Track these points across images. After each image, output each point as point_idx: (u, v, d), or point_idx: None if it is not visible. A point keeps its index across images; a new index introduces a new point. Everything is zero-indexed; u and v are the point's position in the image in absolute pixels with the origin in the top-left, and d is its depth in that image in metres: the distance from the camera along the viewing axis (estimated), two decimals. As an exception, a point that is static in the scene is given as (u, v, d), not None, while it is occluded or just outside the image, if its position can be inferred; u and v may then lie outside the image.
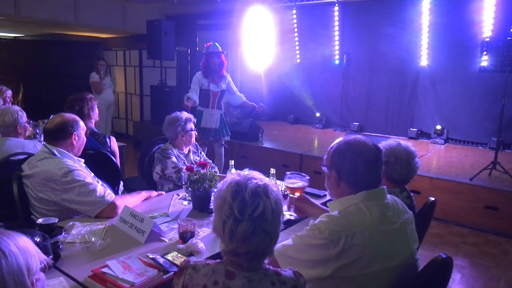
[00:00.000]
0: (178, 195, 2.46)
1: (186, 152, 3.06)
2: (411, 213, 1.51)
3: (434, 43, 5.91)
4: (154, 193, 2.47)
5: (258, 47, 7.06)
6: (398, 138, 2.16)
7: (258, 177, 1.17)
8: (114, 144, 3.15)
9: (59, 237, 1.73)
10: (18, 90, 8.62)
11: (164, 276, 1.47)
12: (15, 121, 2.98)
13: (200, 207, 2.19)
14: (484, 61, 4.80)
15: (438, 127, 6.14)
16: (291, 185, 2.07)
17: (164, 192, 2.58)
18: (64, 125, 2.18)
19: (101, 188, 2.11)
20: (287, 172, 2.15)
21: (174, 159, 2.89)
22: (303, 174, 2.13)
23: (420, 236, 1.62)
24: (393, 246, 1.37)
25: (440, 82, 6.00)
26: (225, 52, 4.94)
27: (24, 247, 0.87)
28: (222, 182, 1.18)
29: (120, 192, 2.87)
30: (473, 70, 5.41)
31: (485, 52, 4.59)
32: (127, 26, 7.63)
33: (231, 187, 1.13)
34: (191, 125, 3.01)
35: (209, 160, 3.08)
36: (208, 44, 4.74)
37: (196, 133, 3.10)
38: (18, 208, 2.10)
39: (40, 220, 1.77)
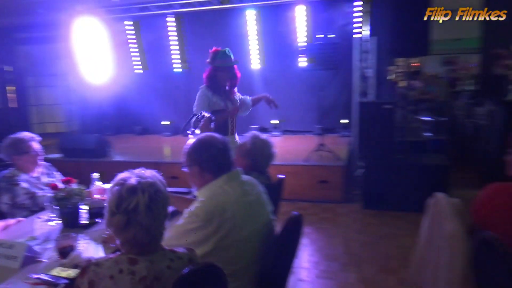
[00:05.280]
0: (39, 218, 2.34)
1: (37, 175, 2.86)
2: (262, 186, 1.88)
3: (264, 48, 6.73)
4: (11, 220, 2.29)
5: (94, 59, 6.78)
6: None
7: (145, 175, 1.29)
8: None
9: None
10: None
11: (55, 290, 1.48)
12: None
13: (72, 223, 2.14)
14: (303, 62, 5.80)
15: (275, 121, 7.01)
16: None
17: (23, 218, 2.40)
18: None
19: None
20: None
21: (24, 184, 2.69)
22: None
23: (275, 205, 2.04)
24: (255, 211, 1.74)
25: (271, 82, 6.85)
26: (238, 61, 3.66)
27: None
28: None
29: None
30: (296, 70, 6.45)
31: (304, 55, 5.57)
32: None
33: (115, 184, 1.27)
34: (26, 146, 2.70)
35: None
36: (214, 50, 3.54)
37: (38, 154, 2.77)
38: None
39: None
